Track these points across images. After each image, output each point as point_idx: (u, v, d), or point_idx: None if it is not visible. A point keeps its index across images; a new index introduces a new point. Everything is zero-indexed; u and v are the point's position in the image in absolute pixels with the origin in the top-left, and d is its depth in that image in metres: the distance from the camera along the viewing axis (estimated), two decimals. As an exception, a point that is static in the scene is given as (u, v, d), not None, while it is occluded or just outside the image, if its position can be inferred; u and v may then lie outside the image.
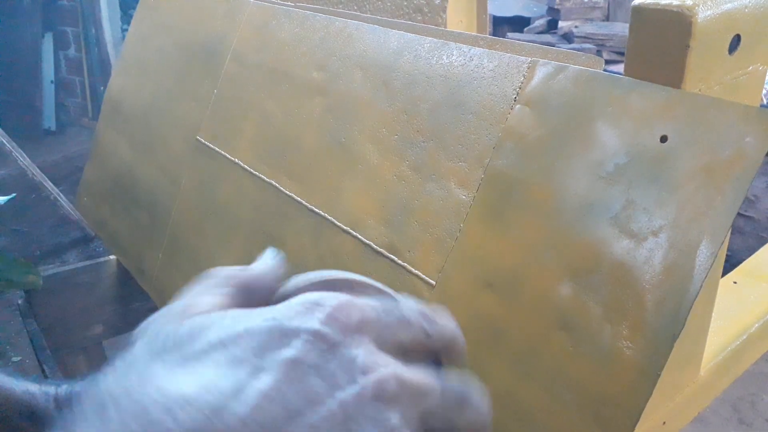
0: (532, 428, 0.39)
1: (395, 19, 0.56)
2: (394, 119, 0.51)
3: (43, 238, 1.61)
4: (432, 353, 0.23)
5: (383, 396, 0.18)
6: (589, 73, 0.41)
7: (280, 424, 0.16)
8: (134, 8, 0.94)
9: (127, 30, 0.95)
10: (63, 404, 0.24)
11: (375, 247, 0.50)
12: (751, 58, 0.41)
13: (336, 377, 0.18)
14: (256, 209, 0.63)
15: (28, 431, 0.24)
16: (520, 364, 0.39)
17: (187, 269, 0.71)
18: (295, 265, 0.25)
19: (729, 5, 0.38)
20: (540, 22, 2.95)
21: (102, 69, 2.28)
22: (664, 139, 0.37)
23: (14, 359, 1.34)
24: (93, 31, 2.26)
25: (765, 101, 1.26)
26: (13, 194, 1.05)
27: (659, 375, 0.34)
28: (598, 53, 2.43)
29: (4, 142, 1.50)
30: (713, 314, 0.46)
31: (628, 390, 0.35)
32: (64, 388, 0.25)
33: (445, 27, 0.62)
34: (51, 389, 0.25)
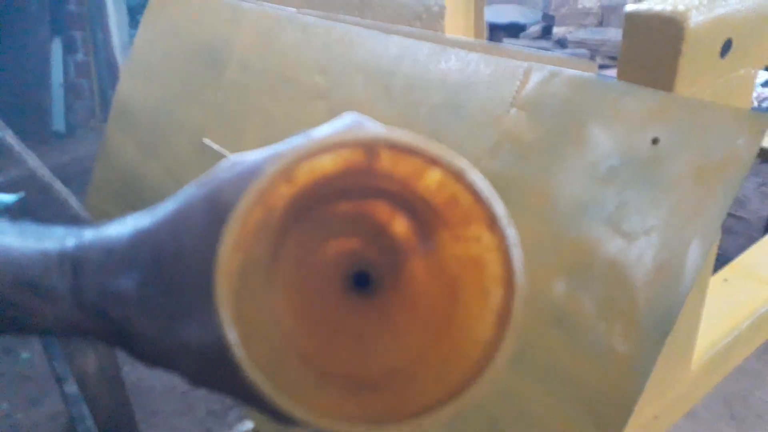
0: (527, 422, 0.40)
1: (395, 26, 0.57)
2: (394, 123, 0.52)
3: (52, 238, 1.63)
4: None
5: None
6: (583, 78, 0.42)
7: None
8: (141, 13, 0.95)
9: (134, 34, 0.96)
10: (69, 275, 0.20)
11: (376, 246, 0.51)
12: (742, 61, 0.42)
13: None
14: (260, 210, 0.64)
15: (33, 305, 0.20)
16: (516, 360, 0.40)
17: (194, 269, 0.72)
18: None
19: (721, 10, 0.39)
20: (535, 29, 2.98)
21: (110, 73, 2.31)
22: (656, 141, 0.38)
23: (24, 356, 1.37)
24: (101, 35, 2.28)
25: (756, 104, 1.26)
26: (22, 193, 1.06)
27: (651, 371, 0.35)
28: (592, 58, 2.44)
29: (14, 144, 1.53)
30: (704, 312, 0.47)
31: (621, 385, 0.36)
32: (69, 248, 0.20)
33: (443, 33, 0.63)
34: (53, 246, 0.20)
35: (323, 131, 0.19)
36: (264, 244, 0.19)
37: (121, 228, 0.21)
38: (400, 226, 0.21)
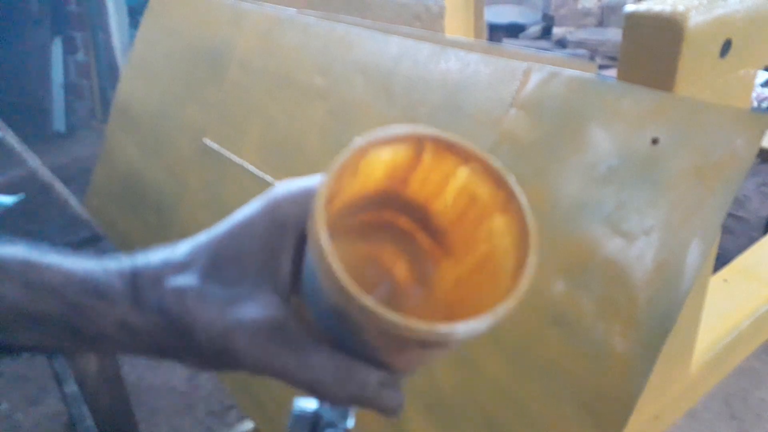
0: (527, 422, 0.40)
1: (395, 26, 0.57)
2: (394, 123, 0.52)
3: (53, 237, 1.63)
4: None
5: None
6: (583, 78, 0.42)
7: None
8: (142, 14, 0.95)
9: (134, 35, 0.96)
10: (128, 279, 0.23)
11: (376, 246, 0.51)
12: (741, 61, 0.42)
13: None
14: (261, 210, 0.64)
15: (96, 309, 0.23)
16: (516, 360, 0.40)
17: (194, 269, 0.72)
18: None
19: (720, 11, 0.39)
20: (535, 29, 2.99)
21: (110, 73, 2.31)
22: (655, 141, 0.38)
23: (24, 356, 1.37)
24: (101, 35, 2.29)
25: (755, 104, 1.27)
26: (22, 195, 1.07)
27: (651, 370, 0.35)
28: (592, 58, 2.45)
29: (14, 144, 1.53)
30: (704, 312, 0.47)
31: (621, 385, 0.36)
32: (126, 263, 0.24)
33: (443, 33, 0.63)
34: (111, 265, 0.24)
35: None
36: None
37: (175, 247, 0.24)
38: (401, 270, 0.25)
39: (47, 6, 2.29)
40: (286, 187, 0.24)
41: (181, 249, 0.24)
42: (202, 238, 0.24)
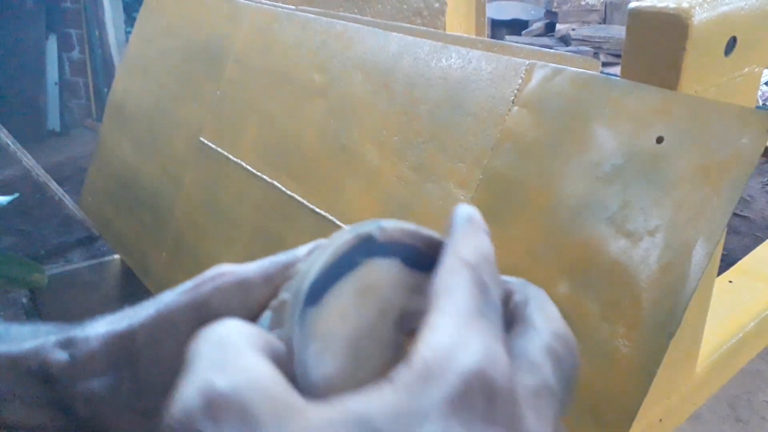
0: (530, 425, 0.39)
1: (395, 22, 0.56)
2: (394, 121, 0.52)
3: (47, 237, 1.62)
4: None
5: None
6: (586, 76, 0.41)
7: None
8: (137, 11, 0.94)
9: (130, 32, 0.96)
10: (35, 369, 0.21)
11: (375, 246, 0.50)
12: (747, 59, 0.41)
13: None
14: (258, 209, 0.63)
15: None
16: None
17: (191, 268, 0.72)
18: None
19: (725, 7, 0.39)
20: (537, 25, 2.98)
21: (106, 71, 2.30)
22: (660, 140, 0.38)
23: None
24: (97, 33, 2.27)
25: (761, 102, 1.27)
26: (16, 194, 1.06)
27: (655, 373, 0.34)
28: (595, 56, 2.45)
29: (9, 143, 1.52)
30: (709, 313, 0.47)
31: (625, 387, 0.35)
32: (35, 349, 0.21)
33: (444, 30, 0.62)
34: (17, 349, 0.21)
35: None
36: None
37: (91, 329, 0.21)
38: None
39: (42, 2, 2.27)
40: (218, 277, 0.20)
41: (95, 334, 0.21)
42: (121, 325, 0.21)
